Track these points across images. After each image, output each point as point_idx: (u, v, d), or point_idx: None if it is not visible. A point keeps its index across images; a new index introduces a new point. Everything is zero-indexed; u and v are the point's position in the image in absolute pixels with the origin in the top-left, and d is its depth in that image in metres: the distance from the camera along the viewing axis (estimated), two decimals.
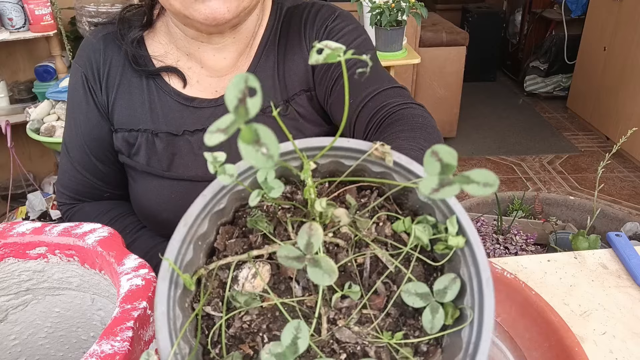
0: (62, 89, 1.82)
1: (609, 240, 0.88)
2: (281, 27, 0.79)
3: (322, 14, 0.78)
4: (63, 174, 0.83)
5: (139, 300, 0.37)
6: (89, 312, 0.49)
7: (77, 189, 0.83)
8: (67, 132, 0.81)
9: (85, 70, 0.78)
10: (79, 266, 0.46)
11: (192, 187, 0.76)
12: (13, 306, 0.47)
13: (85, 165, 0.81)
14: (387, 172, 0.33)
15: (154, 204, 0.78)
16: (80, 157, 0.81)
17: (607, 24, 3.36)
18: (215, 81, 0.77)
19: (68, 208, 0.84)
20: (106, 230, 0.46)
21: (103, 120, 0.78)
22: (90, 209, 0.84)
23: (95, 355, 0.33)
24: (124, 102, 0.77)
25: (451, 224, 0.30)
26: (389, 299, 0.31)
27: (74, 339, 0.51)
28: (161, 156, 0.76)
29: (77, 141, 0.80)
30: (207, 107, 0.76)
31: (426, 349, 0.30)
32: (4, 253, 0.44)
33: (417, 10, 1.99)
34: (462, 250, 0.30)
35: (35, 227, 0.45)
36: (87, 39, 0.80)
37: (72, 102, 0.80)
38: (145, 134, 0.76)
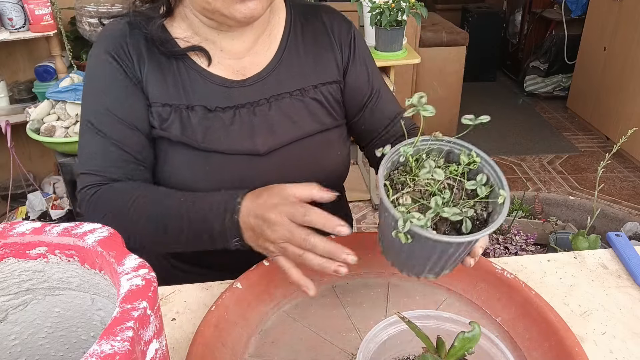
0: (62, 89, 1.82)
1: (609, 240, 0.88)
2: (302, 24, 0.88)
3: (345, 26, 0.90)
4: (92, 155, 0.79)
5: (139, 300, 0.37)
6: (89, 312, 0.49)
7: (109, 164, 0.79)
8: (96, 113, 0.79)
9: (113, 51, 0.79)
10: (79, 266, 0.46)
11: (225, 160, 0.80)
12: (13, 306, 0.47)
13: (122, 138, 0.78)
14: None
15: (189, 177, 0.80)
16: (117, 129, 0.78)
17: (607, 24, 3.36)
18: (234, 62, 0.83)
19: (95, 190, 0.78)
20: (106, 230, 0.45)
21: (139, 91, 0.80)
22: (120, 185, 0.78)
23: (95, 355, 0.33)
24: (156, 79, 0.80)
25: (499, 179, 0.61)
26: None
27: (74, 339, 0.51)
28: (195, 129, 0.79)
29: (112, 117, 0.78)
30: (236, 87, 0.82)
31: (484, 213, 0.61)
32: (4, 253, 0.44)
33: (417, 10, 1.99)
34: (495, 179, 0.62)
35: (35, 227, 0.45)
36: (108, 27, 0.82)
37: (100, 82, 0.80)
38: (180, 108, 0.79)
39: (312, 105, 0.85)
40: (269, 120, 0.82)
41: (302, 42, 0.87)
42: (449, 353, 0.47)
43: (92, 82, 0.81)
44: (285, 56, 0.85)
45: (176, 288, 0.76)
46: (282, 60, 0.84)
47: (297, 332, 0.68)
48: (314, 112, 0.85)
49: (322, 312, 0.71)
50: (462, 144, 0.64)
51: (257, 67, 0.84)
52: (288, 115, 0.83)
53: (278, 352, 0.65)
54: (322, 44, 0.88)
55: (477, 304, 0.73)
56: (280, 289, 0.74)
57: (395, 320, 0.52)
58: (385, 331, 0.52)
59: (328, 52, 0.87)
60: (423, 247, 0.57)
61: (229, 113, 0.81)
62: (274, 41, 0.85)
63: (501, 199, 0.58)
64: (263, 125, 0.82)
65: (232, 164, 0.80)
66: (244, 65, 0.83)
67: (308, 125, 0.84)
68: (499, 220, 0.57)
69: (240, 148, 0.81)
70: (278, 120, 0.83)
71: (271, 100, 0.83)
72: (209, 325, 0.63)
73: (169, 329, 0.69)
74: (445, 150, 0.65)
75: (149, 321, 0.37)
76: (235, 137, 0.80)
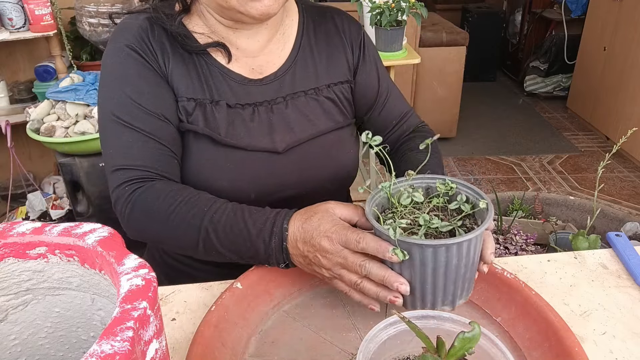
0: (62, 89, 1.82)
1: (609, 240, 0.88)
2: (314, 25, 0.90)
3: (355, 28, 0.93)
4: (127, 149, 0.76)
5: (139, 300, 0.37)
6: (89, 312, 0.49)
7: (153, 159, 0.76)
8: (123, 107, 0.76)
9: (137, 45, 0.78)
10: (79, 266, 0.46)
11: (245, 157, 0.81)
12: (13, 306, 0.47)
13: (158, 131, 0.77)
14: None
15: (210, 174, 0.80)
16: (151, 122, 0.77)
17: (607, 24, 3.36)
18: (250, 60, 0.84)
19: (136, 187, 0.74)
20: (106, 230, 0.46)
21: (166, 84, 0.80)
22: (161, 186, 0.75)
23: (95, 355, 0.33)
24: (181, 73, 0.80)
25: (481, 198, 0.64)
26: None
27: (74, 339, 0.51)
28: (219, 123, 0.80)
29: (142, 109, 0.77)
30: (254, 85, 0.83)
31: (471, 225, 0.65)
32: (4, 253, 0.44)
33: (417, 10, 1.99)
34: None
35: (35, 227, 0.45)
36: (127, 22, 0.81)
37: (123, 76, 0.78)
38: (204, 103, 0.80)
39: (326, 104, 0.87)
40: (287, 118, 0.84)
41: (314, 42, 0.89)
42: (449, 353, 0.47)
43: (113, 76, 0.79)
44: (299, 56, 0.87)
45: (176, 288, 0.76)
46: (297, 60, 0.86)
47: (297, 332, 0.68)
48: (328, 111, 0.87)
49: (322, 312, 0.71)
50: (435, 177, 0.69)
51: (273, 66, 0.85)
52: (304, 114, 0.85)
53: (278, 352, 0.65)
54: (333, 44, 0.90)
55: (477, 304, 0.73)
56: (280, 289, 0.74)
57: (395, 320, 0.52)
58: (385, 331, 0.52)
59: (340, 52, 0.90)
60: (423, 260, 0.59)
61: (249, 110, 0.82)
62: (288, 41, 0.87)
63: (483, 204, 0.62)
64: (281, 123, 0.83)
65: (252, 160, 0.82)
66: (259, 64, 0.85)
67: (323, 123, 0.86)
68: (488, 220, 0.60)
69: (259, 145, 0.82)
70: (295, 118, 0.84)
71: (288, 99, 0.84)
72: (209, 325, 0.63)
73: (169, 329, 0.69)
74: (423, 187, 0.69)
75: (149, 321, 0.37)
76: (255, 134, 0.82)
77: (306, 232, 0.65)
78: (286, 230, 0.66)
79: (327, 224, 0.64)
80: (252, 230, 0.68)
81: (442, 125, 3.29)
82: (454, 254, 0.58)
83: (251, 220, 0.69)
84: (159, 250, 0.97)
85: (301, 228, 0.66)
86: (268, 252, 0.68)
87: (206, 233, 0.69)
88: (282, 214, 0.69)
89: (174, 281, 0.78)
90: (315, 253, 0.64)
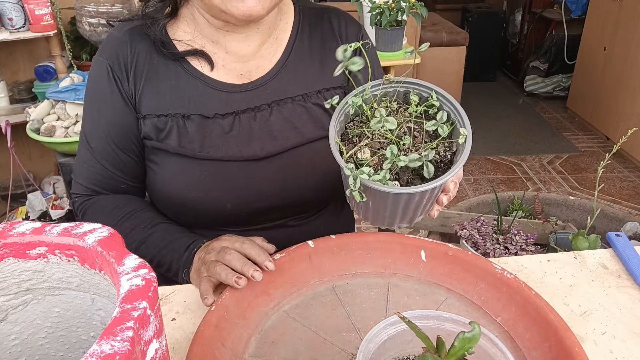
0: (62, 89, 1.82)
1: (609, 240, 0.88)
2: (309, 28, 0.87)
3: (353, 29, 0.90)
4: (82, 165, 0.84)
5: (139, 300, 0.37)
6: (89, 312, 0.49)
7: (96, 179, 0.84)
8: (88, 123, 0.83)
9: (110, 62, 0.80)
10: (79, 266, 0.46)
11: (220, 167, 0.80)
12: (13, 306, 0.47)
13: (106, 155, 0.82)
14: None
15: (183, 185, 0.81)
16: (102, 147, 0.82)
17: (607, 24, 3.36)
18: (239, 65, 0.82)
19: (83, 200, 0.85)
20: (106, 230, 0.45)
21: (128, 108, 0.81)
22: (105, 202, 0.84)
23: (95, 355, 0.33)
24: (153, 89, 0.80)
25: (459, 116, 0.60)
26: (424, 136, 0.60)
27: (74, 339, 0.51)
28: (193, 138, 0.79)
29: (99, 131, 0.82)
30: (237, 92, 0.81)
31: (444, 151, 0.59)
32: (4, 253, 0.44)
33: (417, 10, 1.98)
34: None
35: (35, 227, 0.45)
36: (112, 33, 0.83)
37: (94, 93, 0.82)
38: (176, 117, 0.79)
39: (314, 111, 0.84)
40: (270, 126, 0.81)
41: (308, 46, 0.86)
42: (449, 353, 0.47)
43: (90, 92, 0.84)
44: (290, 60, 0.84)
45: (176, 288, 0.76)
46: (287, 65, 0.84)
47: (297, 332, 0.68)
48: (316, 118, 0.84)
49: (322, 312, 0.71)
50: (417, 82, 0.61)
51: (263, 70, 0.83)
52: (289, 121, 0.82)
53: (278, 352, 0.65)
54: (328, 47, 0.87)
55: (477, 304, 0.73)
56: (280, 289, 0.74)
57: (395, 320, 0.52)
58: (385, 331, 0.52)
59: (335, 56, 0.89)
60: (383, 200, 0.56)
61: (229, 119, 0.80)
62: (280, 45, 0.85)
63: (462, 138, 0.56)
64: (263, 131, 0.81)
65: (228, 170, 0.80)
66: (249, 69, 0.83)
67: (309, 131, 0.83)
68: (461, 162, 0.55)
69: (237, 155, 0.80)
70: (279, 126, 0.82)
71: (272, 106, 0.82)
72: (209, 325, 0.63)
73: (169, 329, 0.69)
74: (401, 93, 0.62)
75: (149, 321, 0.37)
76: (233, 144, 0.80)
77: (207, 247, 0.75)
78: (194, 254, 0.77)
79: (225, 241, 0.73)
80: (168, 254, 0.79)
81: None
82: (416, 197, 0.56)
83: (169, 247, 0.79)
84: None
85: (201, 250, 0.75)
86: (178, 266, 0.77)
87: (137, 248, 0.80)
88: (190, 246, 0.78)
89: (174, 281, 0.78)
90: (205, 251, 0.74)
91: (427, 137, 0.59)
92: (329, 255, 0.78)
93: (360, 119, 0.60)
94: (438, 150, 0.58)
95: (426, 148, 0.57)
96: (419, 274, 0.77)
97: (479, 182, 2.95)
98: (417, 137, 0.58)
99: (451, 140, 0.58)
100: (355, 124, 0.60)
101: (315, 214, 0.92)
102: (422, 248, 0.79)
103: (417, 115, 0.60)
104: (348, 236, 0.82)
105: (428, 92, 0.61)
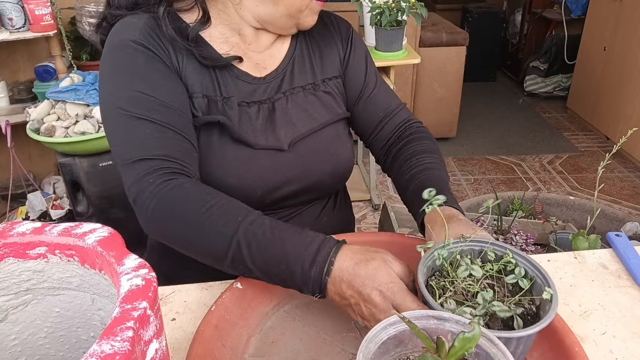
0: (62, 89, 1.82)
1: (609, 240, 0.88)
2: None
3: (344, 24, 0.97)
4: (145, 140, 0.71)
5: (139, 300, 0.37)
6: (89, 312, 0.49)
7: (171, 149, 0.72)
8: (134, 100, 0.73)
9: (145, 40, 0.77)
10: (79, 266, 0.46)
11: (252, 154, 0.81)
12: (13, 306, 0.47)
13: (176, 122, 0.74)
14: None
15: (218, 169, 0.80)
16: (166, 115, 0.73)
17: (607, 24, 3.36)
18: (256, 55, 0.87)
19: (167, 179, 0.69)
20: (106, 230, 0.45)
21: (177, 77, 0.79)
22: (191, 186, 0.70)
23: (95, 355, 0.33)
24: (194, 68, 0.81)
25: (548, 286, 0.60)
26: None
27: (74, 339, 0.51)
28: (232, 119, 0.81)
29: (155, 102, 0.74)
30: (258, 84, 0.85)
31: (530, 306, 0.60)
32: (4, 253, 0.44)
33: (417, 10, 1.98)
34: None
35: (35, 227, 0.45)
36: (130, 20, 0.79)
37: (133, 69, 0.75)
38: (216, 99, 0.81)
39: (324, 98, 0.90)
40: (288, 114, 0.86)
41: (308, 40, 0.93)
42: (449, 353, 0.47)
43: (119, 71, 0.76)
44: (296, 53, 0.90)
45: (176, 288, 0.76)
46: (294, 57, 0.90)
47: (297, 332, 0.68)
48: (327, 104, 0.90)
49: (322, 312, 0.71)
50: (492, 242, 0.64)
51: (275, 60, 0.88)
52: (304, 108, 0.87)
53: (278, 352, 0.65)
54: (327, 41, 0.94)
55: None
56: (280, 289, 0.74)
57: (395, 320, 0.52)
58: (385, 331, 0.52)
59: (332, 48, 0.94)
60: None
61: (254, 108, 0.84)
62: (286, 39, 0.91)
63: (547, 295, 0.57)
64: (283, 119, 0.85)
65: (258, 158, 0.83)
66: (264, 59, 0.88)
67: (322, 116, 0.88)
68: (552, 312, 0.55)
69: (264, 143, 0.83)
70: (295, 113, 0.86)
71: (287, 94, 0.87)
72: (209, 325, 0.63)
73: (169, 329, 0.69)
74: (477, 251, 0.65)
75: (149, 321, 0.37)
76: (260, 131, 0.83)
77: (356, 277, 0.61)
78: (332, 264, 0.62)
79: (384, 277, 0.60)
80: (290, 252, 0.64)
81: (442, 125, 3.29)
82: (513, 343, 0.55)
83: (291, 241, 0.65)
84: (160, 250, 0.97)
85: (352, 269, 0.61)
86: (304, 280, 0.63)
87: (237, 245, 0.65)
88: (330, 244, 0.64)
89: (174, 281, 0.78)
90: (360, 301, 0.61)
91: (508, 293, 0.61)
92: None
93: (441, 274, 0.62)
94: (523, 303, 0.60)
95: (511, 301, 0.59)
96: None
97: (479, 182, 2.95)
98: (498, 292, 0.61)
99: (533, 297, 0.60)
100: (436, 277, 0.62)
101: (325, 200, 0.96)
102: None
103: (496, 270, 0.62)
104: (348, 236, 0.82)
105: (503, 250, 0.63)
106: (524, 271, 0.61)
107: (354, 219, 1.07)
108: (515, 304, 0.59)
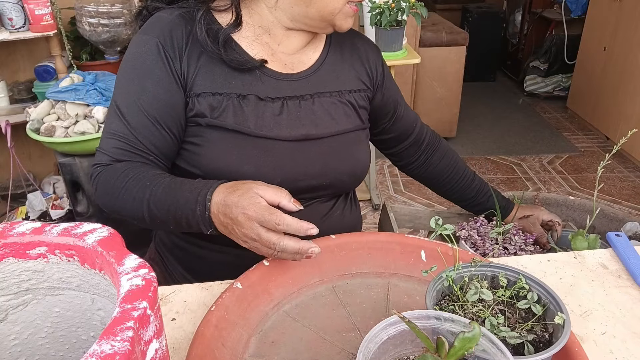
0: (62, 89, 1.82)
1: (609, 240, 0.88)
2: (341, 39, 0.97)
3: (374, 49, 1.02)
4: (112, 136, 0.82)
5: (139, 300, 0.37)
6: (89, 312, 0.49)
7: (125, 151, 0.82)
8: (126, 97, 0.82)
9: (162, 40, 0.82)
10: (79, 266, 0.46)
11: (272, 145, 0.85)
12: (13, 306, 0.47)
13: (143, 130, 0.82)
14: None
15: (236, 159, 0.83)
16: (140, 121, 0.82)
17: (607, 24, 3.36)
18: (285, 56, 0.91)
19: (102, 170, 0.82)
20: (106, 230, 0.46)
21: (177, 87, 0.83)
22: (119, 166, 0.81)
23: (95, 355, 0.33)
24: (209, 70, 0.84)
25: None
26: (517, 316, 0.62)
27: (74, 339, 0.51)
28: (248, 116, 0.84)
29: (140, 106, 0.81)
30: (285, 80, 0.88)
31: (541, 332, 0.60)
32: (4, 253, 0.44)
33: (417, 10, 1.98)
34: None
35: (35, 227, 0.45)
36: (161, 15, 0.85)
37: (138, 68, 0.82)
38: (231, 97, 0.84)
39: (347, 108, 0.93)
40: (313, 114, 0.89)
41: (340, 52, 0.96)
42: (449, 353, 0.47)
43: (130, 67, 0.83)
44: (327, 61, 0.94)
45: (176, 288, 0.76)
46: (325, 64, 0.93)
47: (297, 332, 0.68)
48: (348, 114, 0.93)
49: (322, 312, 0.71)
50: (504, 267, 0.64)
51: (304, 65, 0.91)
52: (328, 112, 0.90)
53: (278, 352, 0.65)
54: (357, 56, 0.98)
55: None
56: (280, 289, 0.74)
57: (395, 320, 0.52)
58: (385, 331, 0.52)
59: (360, 65, 0.98)
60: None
61: (278, 103, 0.87)
62: (318, 46, 0.95)
63: (559, 319, 0.57)
64: (307, 118, 0.88)
65: (278, 149, 0.85)
66: (292, 61, 0.91)
67: (344, 123, 0.92)
68: (564, 338, 0.55)
69: (286, 135, 0.86)
70: (320, 114, 0.89)
71: (314, 96, 0.90)
72: (209, 325, 0.63)
73: (169, 329, 0.69)
74: (488, 276, 0.65)
75: (149, 321, 0.37)
76: (283, 126, 0.86)
77: (227, 206, 0.70)
78: (209, 201, 0.72)
79: (246, 200, 0.69)
80: (180, 200, 0.74)
81: (442, 125, 3.29)
82: None
83: (181, 190, 0.75)
84: (160, 250, 0.97)
85: (223, 201, 0.71)
86: (195, 219, 0.73)
87: (147, 205, 0.76)
88: (208, 185, 0.74)
89: (174, 281, 0.78)
90: (233, 225, 0.70)
91: (520, 319, 0.61)
92: (329, 255, 0.78)
93: (451, 298, 0.63)
94: (535, 330, 0.59)
95: (523, 327, 0.59)
96: (419, 274, 0.77)
97: None
98: (510, 318, 0.60)
99: (546, 323, 0.60)
100: (446, 302, 0.63)
101: (338, 199, 0.99)
102: (422, 248, 0.79)
103: (508, 295, 0.62)
104: (348, 236, 0.82)
105: (516, 276, 0.64)
106: (537, 296, 0.61)
107: (361, 219, 1.08)
108: (527, 330, 0.59)
